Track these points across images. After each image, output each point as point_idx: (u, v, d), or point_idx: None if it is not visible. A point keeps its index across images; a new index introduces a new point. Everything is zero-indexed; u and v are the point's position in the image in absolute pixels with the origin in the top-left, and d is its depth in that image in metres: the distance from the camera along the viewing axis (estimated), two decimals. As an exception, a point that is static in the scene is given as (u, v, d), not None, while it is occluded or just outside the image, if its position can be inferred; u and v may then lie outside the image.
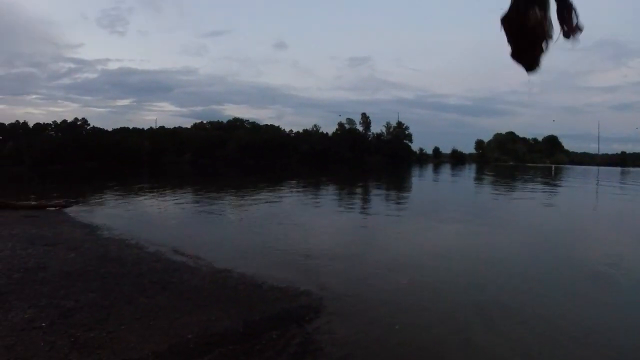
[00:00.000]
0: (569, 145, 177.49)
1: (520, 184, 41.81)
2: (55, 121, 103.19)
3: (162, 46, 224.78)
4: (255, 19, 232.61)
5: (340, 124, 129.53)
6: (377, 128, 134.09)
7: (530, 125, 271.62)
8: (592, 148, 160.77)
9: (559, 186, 39.84)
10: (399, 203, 22.41)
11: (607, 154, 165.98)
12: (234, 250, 10.18)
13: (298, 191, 28.50)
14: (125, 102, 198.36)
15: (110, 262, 8.60)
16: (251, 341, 5.16)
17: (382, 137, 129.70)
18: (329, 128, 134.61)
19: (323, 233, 13.18)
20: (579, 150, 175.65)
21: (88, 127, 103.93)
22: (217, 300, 6.41)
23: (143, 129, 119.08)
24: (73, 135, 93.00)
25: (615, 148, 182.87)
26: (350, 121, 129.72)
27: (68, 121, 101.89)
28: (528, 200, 25.84)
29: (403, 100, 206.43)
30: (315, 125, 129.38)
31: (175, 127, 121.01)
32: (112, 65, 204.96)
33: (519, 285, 8.07)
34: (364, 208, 19.73)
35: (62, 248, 9.79)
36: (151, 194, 25.65)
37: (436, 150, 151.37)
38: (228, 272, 8.06)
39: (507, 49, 2.18)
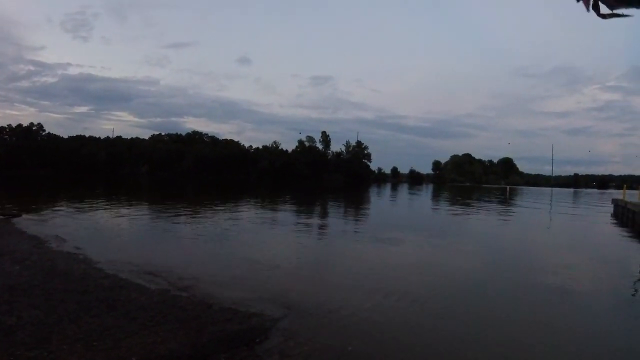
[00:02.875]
0: (523, 167, 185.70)
1: (476, 204, 43.03)
2: (10, 125, 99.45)
3: (124, 54, 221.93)
4: (221, 34, 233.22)
5: (301, 142, 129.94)
6: (337, 147, 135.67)
7: (486, 148, 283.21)
8: (545, 170, 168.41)
9: (513, 206, 41.39)
10: (357, 222, 22.55)
11: (560, 176, 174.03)
12: (186, 269, 9.91)
13: (255, 208, 28.28)
14: (83, 109, 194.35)
15: (56, 277, 8.25)
16: (197, 364, 5.05)
17: (342, 156, 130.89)
18: (289, 145, 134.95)
19: (279, 252, 12.99)
20: (533, 172, 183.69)
21: (43, 133, 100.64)
22: (164, 321, 6.23)
23: (100, 138, 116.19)
24: (28, 141, 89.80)
25: (568, 170, 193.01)
26: (311, 139, 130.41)
27: (23, 125, 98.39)
28: (483, 220, 26.79)
29: (363, 120, 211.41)
30: (275, 142, 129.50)
31: (132, 138, 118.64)
32: (73, 71, 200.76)
33: (480, 303, 8.25)
34: (322, 227, 19.70)
35: (7, 260, 9.34)
36: (105, 206, 24.91)
37: (394, 170, 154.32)
38: (177, 291, 7.85)
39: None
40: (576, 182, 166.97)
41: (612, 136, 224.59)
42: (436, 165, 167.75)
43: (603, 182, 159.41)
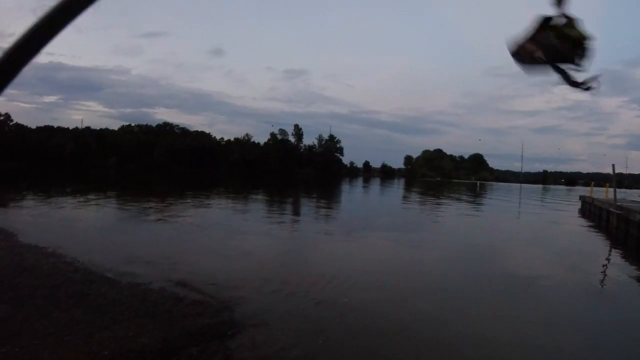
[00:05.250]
0: (493, 163, 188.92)
1: (447, 198, 43.75)
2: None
3: (96, 43, 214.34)
4: (194, 24, 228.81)
5: (273, 135, 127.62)
6: (309, 140, 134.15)
7: (457, 144, 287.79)
8: (515, 167, 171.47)
9: (483, 201, 42.34)
10: (328, 217, 22.58)
11: (529, 172, 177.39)
12: (156, 262, 9.76)
13: (226, 202, 28.04)
14: (52, 98, 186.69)
15: (25, 271, 8.02)
16: (170, 358, 5.01)
17: (314, 150, 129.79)
18: (261, 138, 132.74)
19: (249, 247, 12.88)
20: (503, 169, 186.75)
21: (11, 123, 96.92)
22: (135, 315, 6.15)
23: (68, 128, 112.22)
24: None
25: (537, 167, 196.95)
26: (283, 132, 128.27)
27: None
28: (454, 214, 27.50)
29: (336, 114, 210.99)
30: (247, 135, 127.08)
31: (102, 129, 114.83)
32: (43, 59, 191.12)
33: (445, 300, 8.37)
34: (293, 222, 19.65)
35: (-27, 254, 9.07)
36: (73, 199, 24.30)
37: (366, 164, 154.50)
38: (148, 285, 7.73)
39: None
40: (545, 178, 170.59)
41: (579, 135, 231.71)
42: (408, 160, 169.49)
43: (571, 179, 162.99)
